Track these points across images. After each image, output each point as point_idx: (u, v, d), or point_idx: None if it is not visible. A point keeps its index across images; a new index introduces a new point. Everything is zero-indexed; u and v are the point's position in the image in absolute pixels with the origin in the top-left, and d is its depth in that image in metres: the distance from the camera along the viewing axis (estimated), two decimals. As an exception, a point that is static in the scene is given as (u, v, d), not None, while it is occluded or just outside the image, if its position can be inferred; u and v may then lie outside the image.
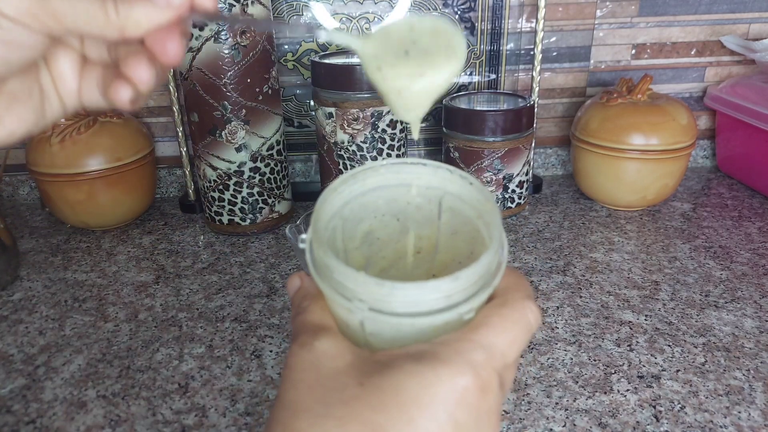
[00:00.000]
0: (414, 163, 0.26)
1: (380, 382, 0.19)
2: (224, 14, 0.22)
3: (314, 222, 0.22)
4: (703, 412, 0.38)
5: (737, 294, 0.51)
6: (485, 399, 0.19)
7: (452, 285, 0.20)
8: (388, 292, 0.20)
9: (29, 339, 0.48)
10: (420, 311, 0.20)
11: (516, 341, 0.21)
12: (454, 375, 0.19)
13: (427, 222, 0.26)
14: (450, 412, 0.18)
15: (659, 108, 0.64)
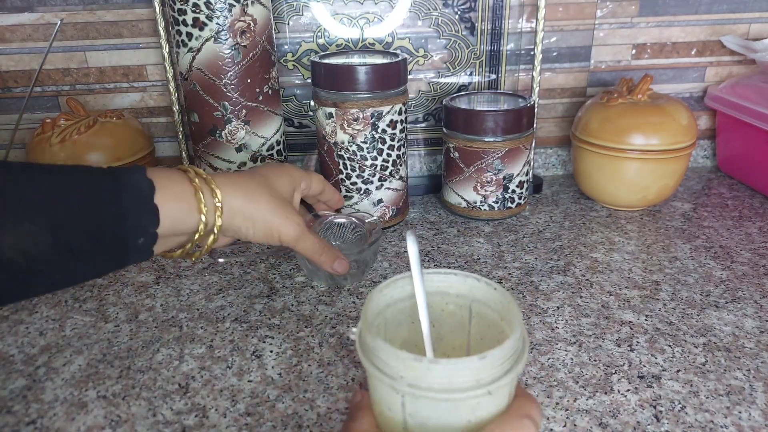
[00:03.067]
0: (446, 273, 0.30)
1: None
2: None
3: (364, 315, 0.27)
4: (704, 412, 0.38)
5: (738, 294, 0.51)
6: None
7: (481, 363, 0.23)
8: (426, 367, 0.23)
9: (30, 339, 0.48)
10: (453, 387, 0.23)
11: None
12: None
13: (459, 327, 0.31)
14: None
15: (660, 108, 0.64)
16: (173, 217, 0.36)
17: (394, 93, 0.60)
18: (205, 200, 0.37)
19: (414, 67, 0.73)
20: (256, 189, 0.41)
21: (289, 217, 0.42)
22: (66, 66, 0.70)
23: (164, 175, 0.36)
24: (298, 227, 0.43)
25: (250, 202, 0.40)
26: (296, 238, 0.43)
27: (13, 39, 0.69)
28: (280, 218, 0.42)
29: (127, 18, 0.69)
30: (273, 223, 0.41)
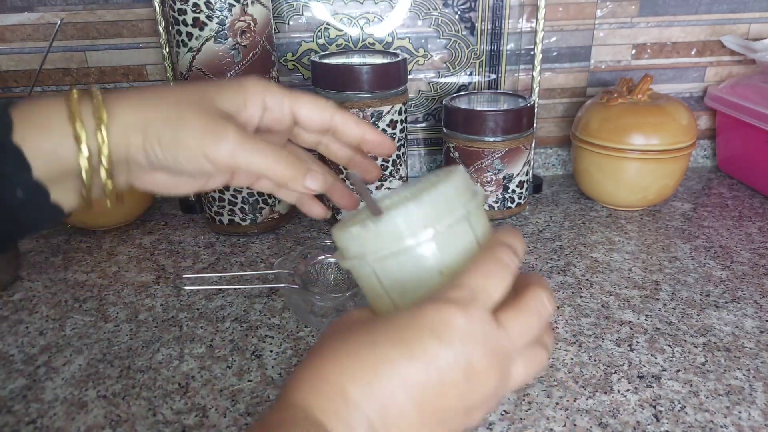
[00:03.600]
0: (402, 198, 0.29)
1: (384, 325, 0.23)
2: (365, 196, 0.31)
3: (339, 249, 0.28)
4: (704, 412, 0.38)
5: (737, 294, 0.51)
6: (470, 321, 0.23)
7: (418, 206, 0.25)
8: (374, 230, 0.25)
9: (30, 339, 0.48)
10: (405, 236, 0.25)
11: (491, 275, 0.24)
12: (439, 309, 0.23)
13: None
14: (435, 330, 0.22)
15: (659, 108, 0.64)
16: (46, 155, 0.27)
17: (394, 93, 0.60)
18: (85, 122, 0.27)
19: (414, 67, 0.73)
20: (175, 102, 0.29)
21: (209, 121, 0.28)
22: (66, 66, 0.70)
23: (30, 106, 0.28)
24: (236, 136, 0.28)
25: (160, 117, 0.28)
26: (232, 151, 0.28)
27: (13, 39, 0.69)
28: (197, 127, 0.28)
29: (127, 18, 0.69)
30: (198, 140, 0.28)
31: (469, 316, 0.23)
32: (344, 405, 0.22)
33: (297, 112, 0.32)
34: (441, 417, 0.23)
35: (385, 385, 0.22)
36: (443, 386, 0.22)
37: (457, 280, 0.24)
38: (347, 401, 0.22)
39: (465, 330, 0.23)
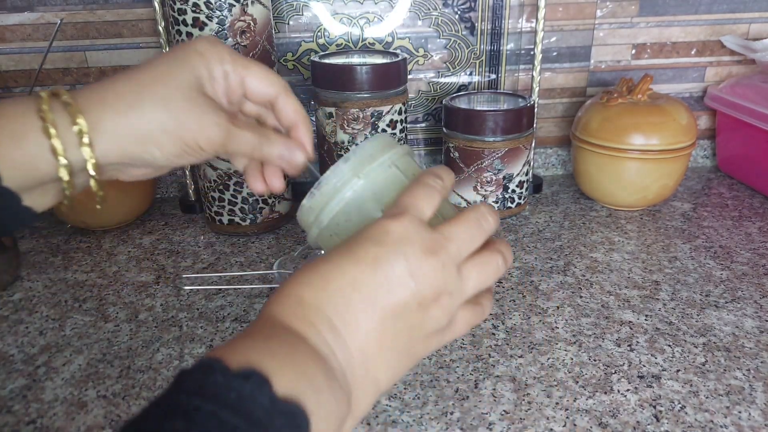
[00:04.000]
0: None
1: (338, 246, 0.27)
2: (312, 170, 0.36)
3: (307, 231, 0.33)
4: (704, 412, 0.38)
5: (737, 294, 0.51)
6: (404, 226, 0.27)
7: (343, 163, 0.31)
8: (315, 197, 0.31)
9: (30, 339, 0.48)
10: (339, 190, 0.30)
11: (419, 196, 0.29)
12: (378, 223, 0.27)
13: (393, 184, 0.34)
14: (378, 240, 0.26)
15: (659, 108, 0.64)
16: (18, 165, 0.27)
17: (394, 93, 0.60)
18: (61, 133, 0.27)
19: (414, 67, 0.73)
20: (143, 97, 0.28)
21: (203, 116, 0.30)
22: (66, 66, 0.70)
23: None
24: (220, 123, 0.30)
25: (136, 116, 0.28)
26: (224, 140, 0.30)
27: (13, 39, 0.69)
28: (191, 121, 0.29)
29: (127, 18, 0.69)
30: (183, 132, 0.29)
31: (401, 223, 0.27)
32: (300, 308, 0.25)
33: (248, 82, 0.32)
34: (396, 312, 0.26)
35: (335, 287, 0.25)
36: (389, 283, 0.26)
37: (391, 206, 0.29)
38: (303, 304, 0.25)
39: (399, 233, 0.27)
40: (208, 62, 0.31)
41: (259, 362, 0.22)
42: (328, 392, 0.24)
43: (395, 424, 0.38)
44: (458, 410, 0.39)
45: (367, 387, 0.26)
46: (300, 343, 0.24)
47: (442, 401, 0.40)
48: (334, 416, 0.24)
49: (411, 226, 0.27)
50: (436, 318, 0.27)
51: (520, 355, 0.44)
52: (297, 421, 0.22)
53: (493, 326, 0.48)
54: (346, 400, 0.25)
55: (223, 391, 0.21)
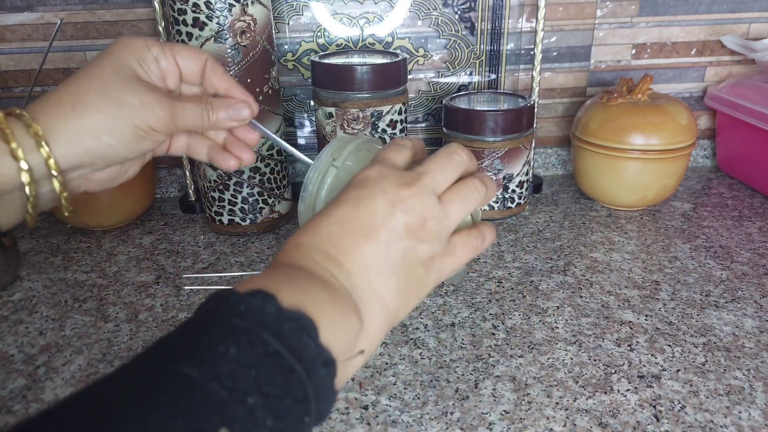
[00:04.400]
0: None
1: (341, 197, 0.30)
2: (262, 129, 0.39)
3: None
4: (704, 412, 0.38)
5: (737, 294, 0.51)
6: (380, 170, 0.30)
7: (321, 154, 0.35)
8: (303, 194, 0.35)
9: (29, 339, 0.48)
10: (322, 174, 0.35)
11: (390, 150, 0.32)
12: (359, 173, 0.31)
13: None
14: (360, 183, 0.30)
15: (659, 108, 0.64)
16: None
17: (394, 93, 0.60)
18: (20, 139, 0.29)
19: (414, 66, 0.73)
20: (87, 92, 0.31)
21: (144, 97, 0.32)
22: (66, 66, 0.70)
23: None
24: (162, 100, 0.32)
25: (83, 112, 0.30)
26: (170, 115, 0.33)
27: (13, 39, 0.69)
28: (134, 104, 0.31)
29: (127, 18, 0.69)
30: (130, 116, 0.31)
31: (376, 168, 0.30)
32: (297, 249, 0.28)
33: (178, 60, 0.35)
34: (386, 237, 0.28)
35: (325, 227, 0.28)
36: (374, 215, 0.28)
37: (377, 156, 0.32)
38: (300, 246, 0.28)
39: (374, 175, 0.30)
40: (135, 51, 0.33)
41: (265, 285, 0.25)
42: (330, 305, 0.26)
43: (395, 423, 0.38)
44: (458, 410, 0.39)
45: (374, 304, 0.28)
46: (300, 271, 0.27)
47: (442, 401, 0.40)
48: (344, 328, 0.26)
49: (386, 169, 0.30)
50: (428, 241, 0.30)
51: (520, 355, 0.44)
52: (304, 326, 0.24)
53: (493, 326, 0.48)
54: (354, 315, 0.27)
55: (233, 306, 0.23)
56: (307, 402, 0.23)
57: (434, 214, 0.30)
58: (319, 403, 0.24)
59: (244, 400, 0.21)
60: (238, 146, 0.39)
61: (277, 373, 0.22)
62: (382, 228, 0.28)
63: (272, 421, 0.21)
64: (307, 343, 0.23)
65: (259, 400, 0.21)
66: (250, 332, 0.22)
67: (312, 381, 0.23)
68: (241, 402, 0.21)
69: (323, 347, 0.24)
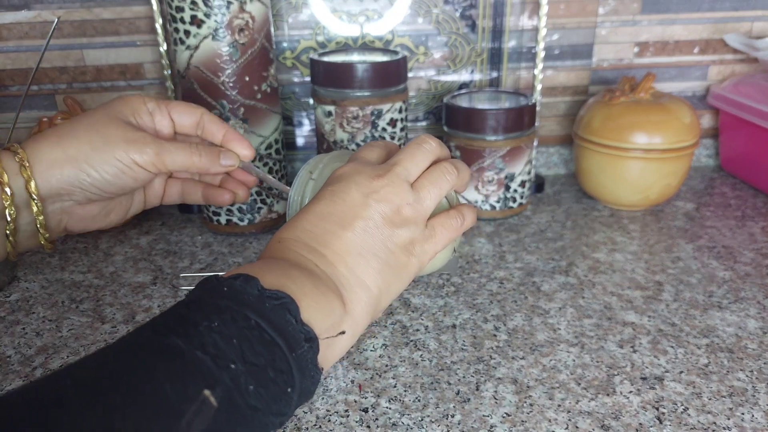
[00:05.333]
0: None
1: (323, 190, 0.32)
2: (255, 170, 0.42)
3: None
4: (707, 413, 0.38)
5: (741, 294, 0.51)
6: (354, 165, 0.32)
7: (302, 170, 0.37)
8: (289, 203, 0.38)
9: (26, 340, 0.47)
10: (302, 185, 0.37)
11: (365, 148, 0.34)
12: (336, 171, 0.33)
13: None
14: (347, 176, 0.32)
15: (662, 106, 0.63)
16: None
17: (394, 91, 0.59)
18: (4, 163, 0.32)
19: (414, 64, 0.73)
20: (76, 128, 0.33)
21: (129, 133, 0.34)
22: (63, 64, 0.70)
23: None
24: (147, 137, 0.35)
25: (86, 144, 0.33)
26: (157, 153, 0.34)
27: (9, 37, 0.68)
28: (118, 137, 0.33)
29: (125, 15, 0.68)
30: (112, 148, 0.33)
31: (348, 165, 0.32)
32: (279, 244, 0.30)
33: (173, 114, 0.38)
34: (363, 226, 0.30)
35: (305, 221, 0.30)
36: (349, 207, 0.30)
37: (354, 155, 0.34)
38: (281, 240, 0.30)
39: (347, 170, 0.31)
40: (131, 103, 0.36)
41: (247, 271, 0.26)
42: (312, 287, 0.27)
43: (395, 426, 0.38)
44: (459, 413, 0.39)
45: (357, 288, 0.29)
46: (283, 261, 0.28)
47: (442, 403, 0.39)
48: (325, 309, 0.27)
49: (359, 165, 0.32)
50: (404, 227, 0.31)
51: (521, 356, 0.44)
52: (285, 304, 0.25)
53: (494, 328, 0.47)
54: (336, 298, 0.28)
55: (216, 288, 0.25)
56: (290, 374, 0.24)
57: (408, 201, 0.31)
58: (303, 379, 0.25)
59: (227, 366, 0.22)
60: (234, 184, 0.41)
61: (259, 344, 0.23)
62: (358, 218, 0.30)
63: (254, 387, 0.22)
64: (288, 320, 0.25)
65: (242, 367, 0.22)
66: (233, 309, 0.23)
67: (295, 355, 0.24)
68: (224, 368, 0.22)
69: (304, 324, 0.25)
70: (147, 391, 0.20)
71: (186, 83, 0.57)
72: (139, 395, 0.20)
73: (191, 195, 0.41)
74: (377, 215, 0.30)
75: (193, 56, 0.55)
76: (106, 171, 0.33)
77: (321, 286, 0.27)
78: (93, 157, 0.33)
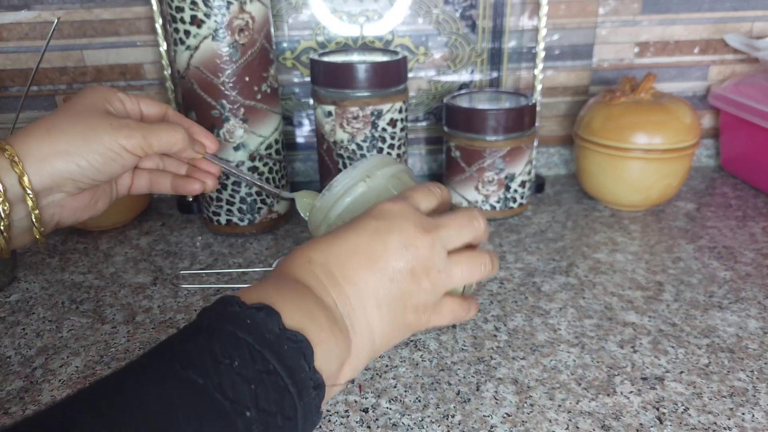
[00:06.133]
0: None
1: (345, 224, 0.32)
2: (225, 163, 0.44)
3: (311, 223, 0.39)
4: (707, 413, 0.38)
5: (741, 294, 0.51)
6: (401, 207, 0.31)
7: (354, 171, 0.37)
8: (330, 192, 0.37)
9: (26, 341, 0.47)
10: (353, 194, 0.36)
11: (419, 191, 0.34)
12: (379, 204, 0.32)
13: None
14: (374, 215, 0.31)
15: (662, 107, 0.63)
16: None
17: (395, 91, 0.59)
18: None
19: (414, 65, 0.73)
20: (60, 120, 0.34)
21: (113, 120, 0.35)
22: (63, 65, 0.70)
23: None
24: (130, 123, 0.36)
25: (56, 135, 0.33)
26: (143, 136, 0.35)
27: (9, 38, 0.68)
28: (104, 125, 0.34)
29: (125, 16, 0.68)
30: (99, 135, 0.34)
31: (399, 205, 0.31)
32: (309, 265, 0.30)
33: (142, 105, 0.39)
34: (391, 275, 0.30)
35: (338, 249, 0.30)
36: (386, 251, 0.30)
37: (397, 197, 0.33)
38: (310, 261, 0.30)
39: (396, 211, 0.31)
40: (103, 93, 0.37)
41: (271, 300, 0.26)
42: (329, 332, 0.27)
43: (395, 426, 0.38)
44: (460, 413, 0.38)
45: (364, 335, 0.29)
46: (307, 292, 0.28)
47: (443, 404, 0.39)
48: (335, 355, 0.27)
49: (408, 209, 0.31)
50: (426, 290, 0.31)
51: (522, 357, 0.44)
52: (302, 348, 0.25)
53: (494, 328, 0.47)
54: (346, 344, 0.28)
55: (239, 317, 0.24)
56: (295, 420, 0.24)
57: (439, 267, 0.31)
58: (305, 423, 0.25)
59: (242, 413, 0.22)
60: (202, 174, 0.42)
61: (273, 390, 0.23)
62: (389, 265, 0.30)
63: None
64: (303, 366, 0.25)
65: (255, 414, 0.22)
66: (253, 348, 0.23)
67: (302, 402, 0.24)
68: (240, 415, 0.22)
69: (316, 371, 0.25)
70: (164, 428, 0.20)
71: (186, 83, 0.57)
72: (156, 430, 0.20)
73: (160, 185, 0.42)
74: (407, 268, 0.30)
75: (193, 56, 0.55)
76: (95, 159, 0.34)
77: (335, 329, 0.27)
78: (83, 147, 0.34)
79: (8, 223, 0.33)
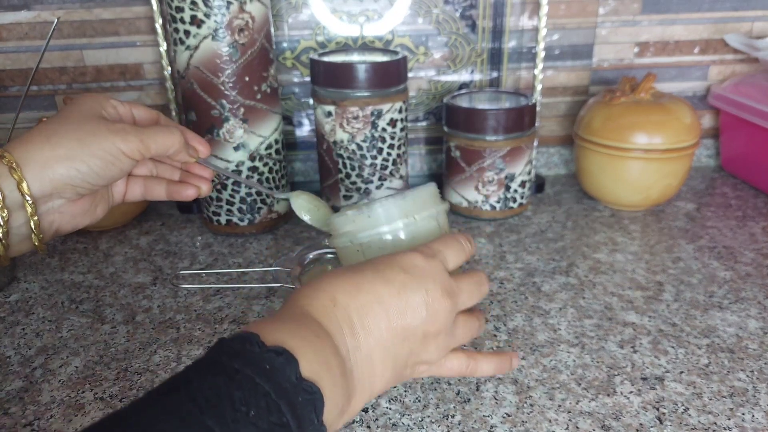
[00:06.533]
0: None
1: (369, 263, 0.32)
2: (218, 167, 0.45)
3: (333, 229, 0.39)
4: (707, 413, 0.38)
5: (741, 294, 0.51)
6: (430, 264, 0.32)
7: (402, 199, 0.36)
8: (367, 214, 0.36)
9: (26, 341, 0.47)
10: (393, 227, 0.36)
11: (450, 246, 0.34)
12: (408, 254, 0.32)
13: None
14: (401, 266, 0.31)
15: (663, 107, 0.63)
16: None
17: (395, 91, 0.59)
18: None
19: (414, 65, 0.73)
20: (58, 127, 0.34)
21: (110, 125, 0.35)
22: (63, 65, 0.70)
23: None
24: (127, 127, 0.36)
25: (55, 141, 0.34)
26: (141, 140, 0.36)
27: (9, 37, 0.68)
28: (102, 130, 0.35)
29: (125, 16, 0.68)
30: (98, 141, 0.34)
31: (428, 261, 0.32)
32: (333, 306, 0.29)
33: (135, 112, 0.40)
34: (405, 334, 0.30)
35: (365, 297, 0.30)
36: (407, 307, 0.30)
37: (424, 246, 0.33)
38: (336, 303, 0.29)
39: (425, 268, 0.31)
40: (97, 99, 0.37)
41: (291, 344, 0.26)
42: (340, 386, 0.27)
43: (395, 427, 0.38)
44: (459, 413, 0.38)
45: (365, 390, 0.30)
46: (326, 338, 0.28)
47: (443, 404, 0.39)
48: (339, 406, 0.27)
49: (437, 268, 0.32)
50: (431, 351, 0.32)
51: (522, 357, 0.44)
52: (315, 401, 0.25)
53: (494, 328, 0.47)
54: (349, 396, 0.28)
55: (258, 361, 0.24)
56: None
57: (448, 331, 0.32)
58: None
59: None
60: (196, 179, 0.43)
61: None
62: (406, 324, 0.30)
63: None
64: (312, 419, 0.25)
65: None
66: (270, 398, 0.23)
67: None
68: None
69: (322, 424, 0.26)
70: None
71: (186, 83, 0.57)
72: None
73: (154, 192, 0.42)
74: (421, 329, 0.31)
75: (192, 56, 0.55)
76: (95, 163, 0.34)
77: (344, 382, 0.28)
78: (82, 152, 0.34)
79: (7, 231, 0.33)
